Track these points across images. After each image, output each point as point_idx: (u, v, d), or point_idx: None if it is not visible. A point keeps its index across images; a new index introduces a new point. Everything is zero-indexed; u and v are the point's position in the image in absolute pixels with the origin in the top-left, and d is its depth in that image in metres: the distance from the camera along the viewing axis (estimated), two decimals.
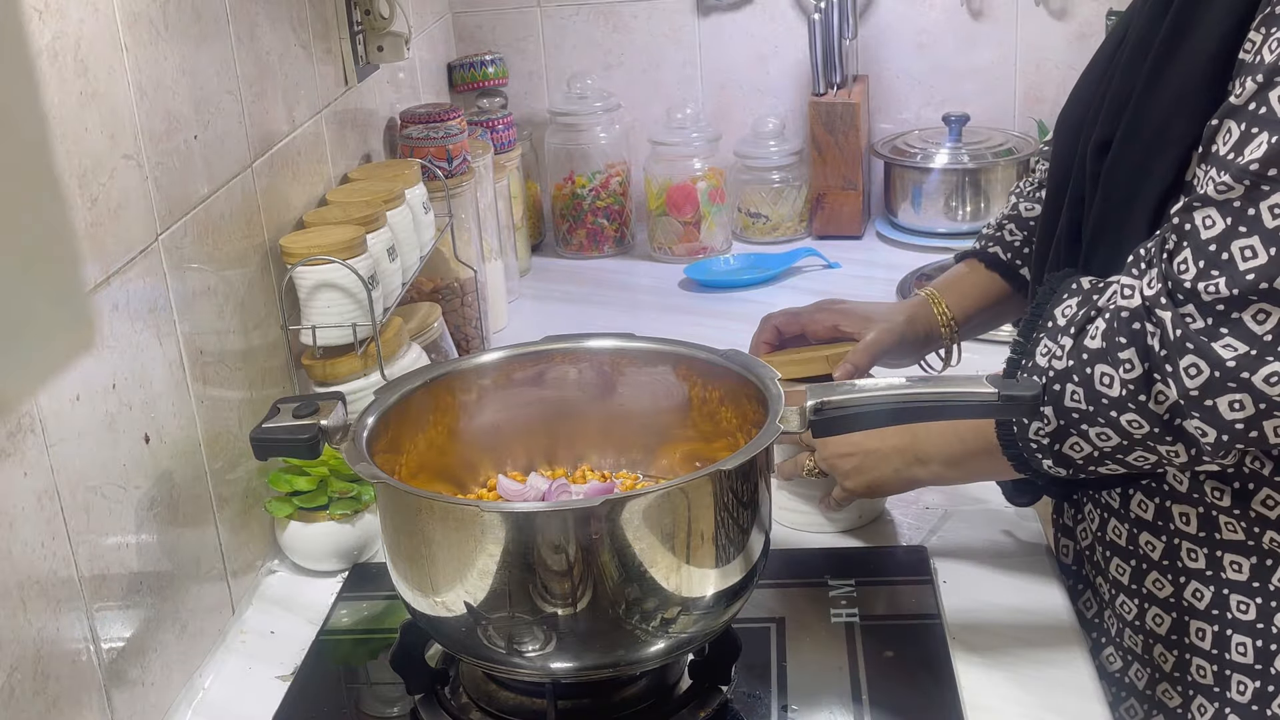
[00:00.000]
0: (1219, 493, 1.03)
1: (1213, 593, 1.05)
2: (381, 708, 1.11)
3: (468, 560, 0.95)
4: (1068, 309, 1.03)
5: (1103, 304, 1.00)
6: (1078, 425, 1.01)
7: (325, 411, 1.06)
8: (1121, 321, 0.97)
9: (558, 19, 2.21)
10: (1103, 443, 1.00)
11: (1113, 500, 1.12)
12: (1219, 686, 1.06)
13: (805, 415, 1.01)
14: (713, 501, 0.97)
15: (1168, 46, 1.00)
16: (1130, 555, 1.11)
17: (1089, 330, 1.00)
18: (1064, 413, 1.01)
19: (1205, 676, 1.07)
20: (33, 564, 0.90)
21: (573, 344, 1.18)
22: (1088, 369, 0.99)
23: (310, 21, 1.49)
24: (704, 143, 2.10)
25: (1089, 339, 0.99)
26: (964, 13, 2.16)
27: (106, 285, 1.02)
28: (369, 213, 1.39)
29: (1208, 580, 1.06)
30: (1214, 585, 1.05)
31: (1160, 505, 1.07)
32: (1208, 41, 0.97)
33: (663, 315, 1.89)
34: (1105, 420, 0.99)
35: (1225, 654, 1.06)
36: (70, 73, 0.97)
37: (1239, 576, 1.04)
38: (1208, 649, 1.07)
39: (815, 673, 1.10)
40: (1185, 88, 0.98)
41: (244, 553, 1.26)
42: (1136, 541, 1.10)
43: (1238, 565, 1.04)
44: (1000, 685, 1.08)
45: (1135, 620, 1.12)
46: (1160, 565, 1.08)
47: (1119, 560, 1.12)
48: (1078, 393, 1.00)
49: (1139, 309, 0.96)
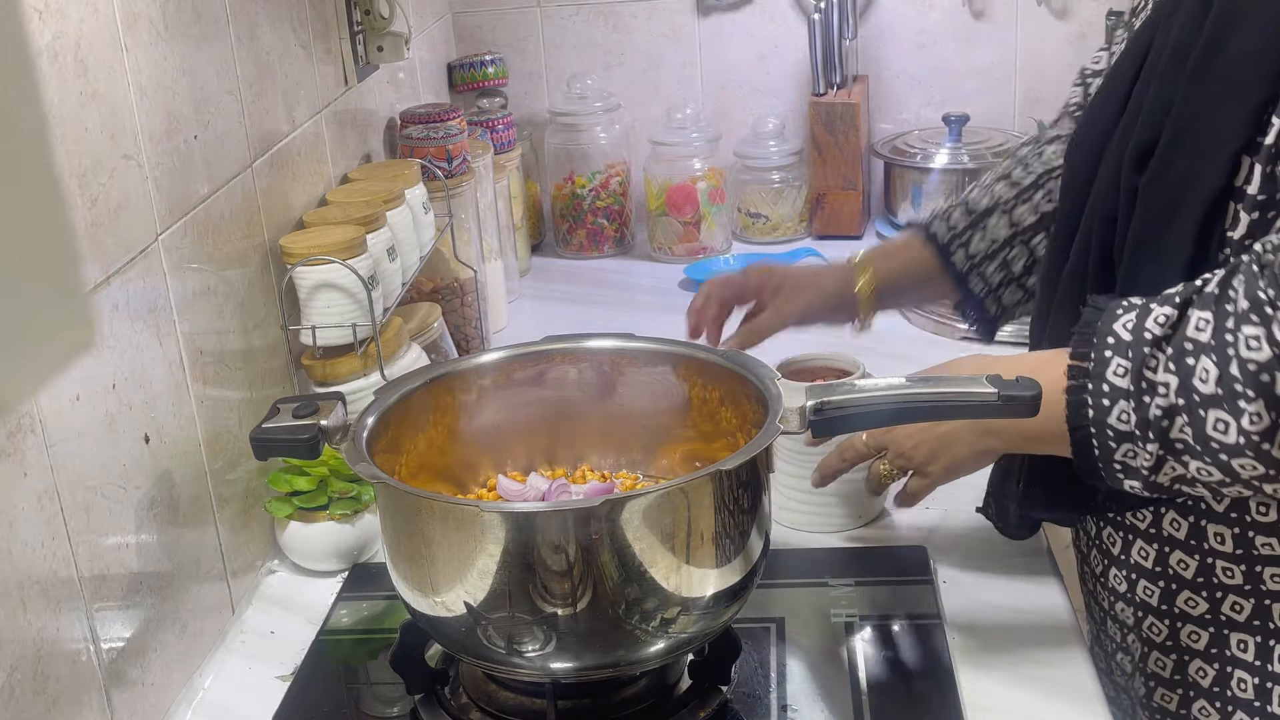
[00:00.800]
0: (1264, 509, 1.00)
1: (1252, 605, 1.03)
2: (381, 708, 1.11)
3: (468, 560, 0.95)
4: (1143, 331, 0.95)
5: (1206, 341, 0.91)
6: (1179, 456, 0.94)
7: (325, 411, 1.06)
8: (1249, 374, 0.89)
9: (558, 19, 2.21)
10: (1203, 476, 0.94)
11: (1139, 521, 1.07)
12: (1259, 700, 1.04)
13: (805, 416, 1.01)
14: (713, 501, 0.97)
15: (1211, 46, 0.96)
16: (1159, 576, 1.07)
17: (1196, 371, 0.91)
18: (1168, 444, 0.94)
19: (1246, 690, 1.05)
20: (33, 564, 0.90)
21: (573, 344, 1.18)
22: (1200, 411, 0.91)
23: (310, 21, 1.49)
24: (704, 143, 2.10)
25: (1198, 380, 0.91)
26: (965, 13, 2.16)
27: (106, 285, 1.02)
28: (369, 213, 1.39)
29: (1246, 594, 1.03)
30: (1253, 598, 1.03)
31: (1195, 524, 1.04)
32: (1255, 37, 0.93)
33: (663, 315, 1.87)
34: (1213, 460, 0.92)
35: (1269, 666, 1.03)
36: (70, 73, 0.97)
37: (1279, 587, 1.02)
38: (1250, 661, 1.04)
39: (815, 673, 1.10)
40: (1233, 85, 0.94)
41: (244, 553, 1.26)
42: (1167, 561, 1.06)
43: (1278, 578, 1.02)
44: (1000, 685, 1.08)
45: (1167, 641, 1.08)
46: (1194, 583, 1.05)
47: (1146, 582, 1.08)
48: (1186, 429, 0.92)
49: (1270, 363, 0.87)
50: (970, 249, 1.33)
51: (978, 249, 1.33)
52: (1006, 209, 1.32)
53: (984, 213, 1.33)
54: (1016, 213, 1.31)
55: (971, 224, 1.33)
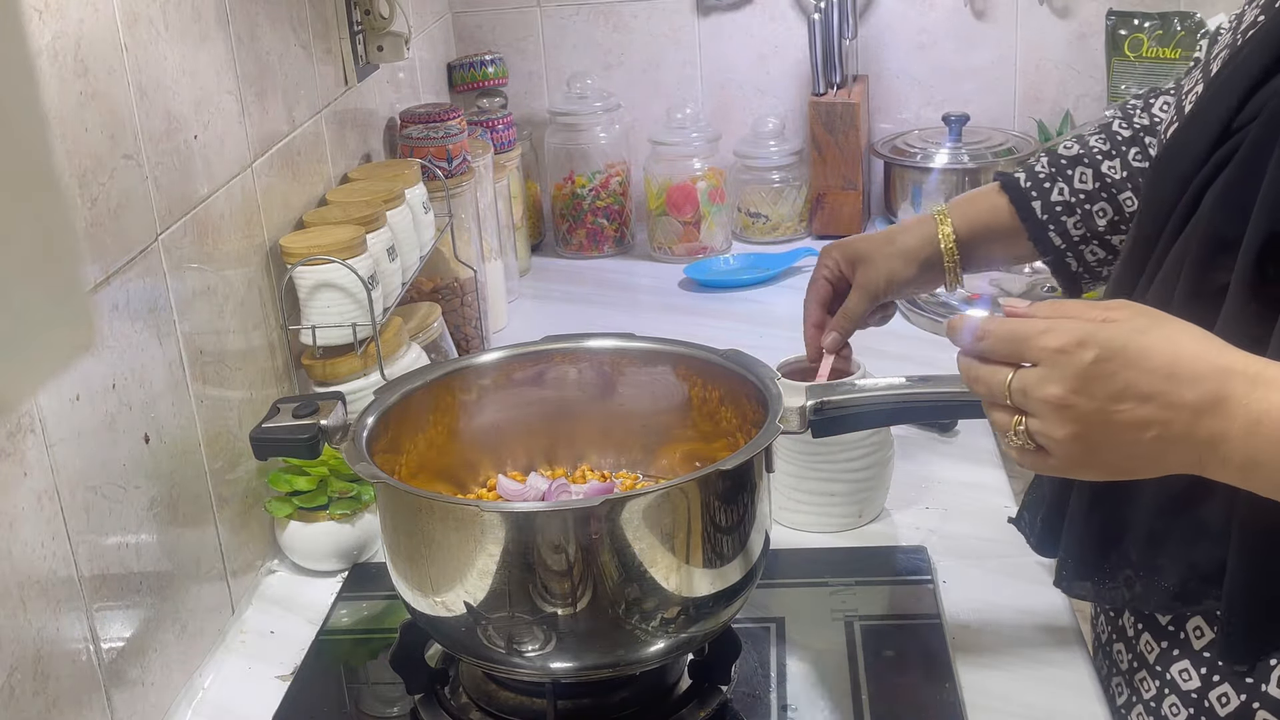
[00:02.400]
0: None
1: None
2: (381, 708, 1.11)
3: (468, 560, 0.95)
4: None
5: None
6: None
7: (325, 411, 1.06)
8: None
9: (558, 19, 2.21)
10: None
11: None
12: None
13: (805, 415, 1.02)
14: (713, 501, 0.97)
15: None
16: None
17: None
18: None
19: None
20: (33, 564, 0.90)
21: (573, 344, 1.18)
22: None
23: (310, 21, 1.49)
24: (704, 143, 2.10)
25: None
26: (966, 13, 2.15)
27: (106, 285, 1.02)
28: (369, 213, 1.39)
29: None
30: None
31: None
32: None
33: (663, 315, 1.88)
34: None
35: None
36: (70, 73, 0.97)
37: None
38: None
39: (815, 673, 1.10)
40: None
41: (244, 553, 1.26)
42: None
43: None
44: (1000, 685, 1.08)
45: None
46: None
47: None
48: None
49: None
50: (1051, 198, 1.22)
51: (1058, 199, 1.21)
52: (1094, 161, 1.21)
53: (1070, 161, 1.22)
54: (1105, 166, 1.20)
55: (1054, 174, 1.22)
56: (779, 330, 1.76)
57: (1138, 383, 0.77)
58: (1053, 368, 0.79)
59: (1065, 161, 1.22)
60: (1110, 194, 1.20)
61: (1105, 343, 0.78)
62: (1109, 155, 1.21)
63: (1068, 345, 0.78)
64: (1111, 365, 0.77)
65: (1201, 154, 0.90)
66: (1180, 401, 0.77)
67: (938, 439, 1.47)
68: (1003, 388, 0.82)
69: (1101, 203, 1.21)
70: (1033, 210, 1.22)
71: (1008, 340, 0.82)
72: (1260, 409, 0.76)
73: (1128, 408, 0.77)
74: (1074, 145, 1.23)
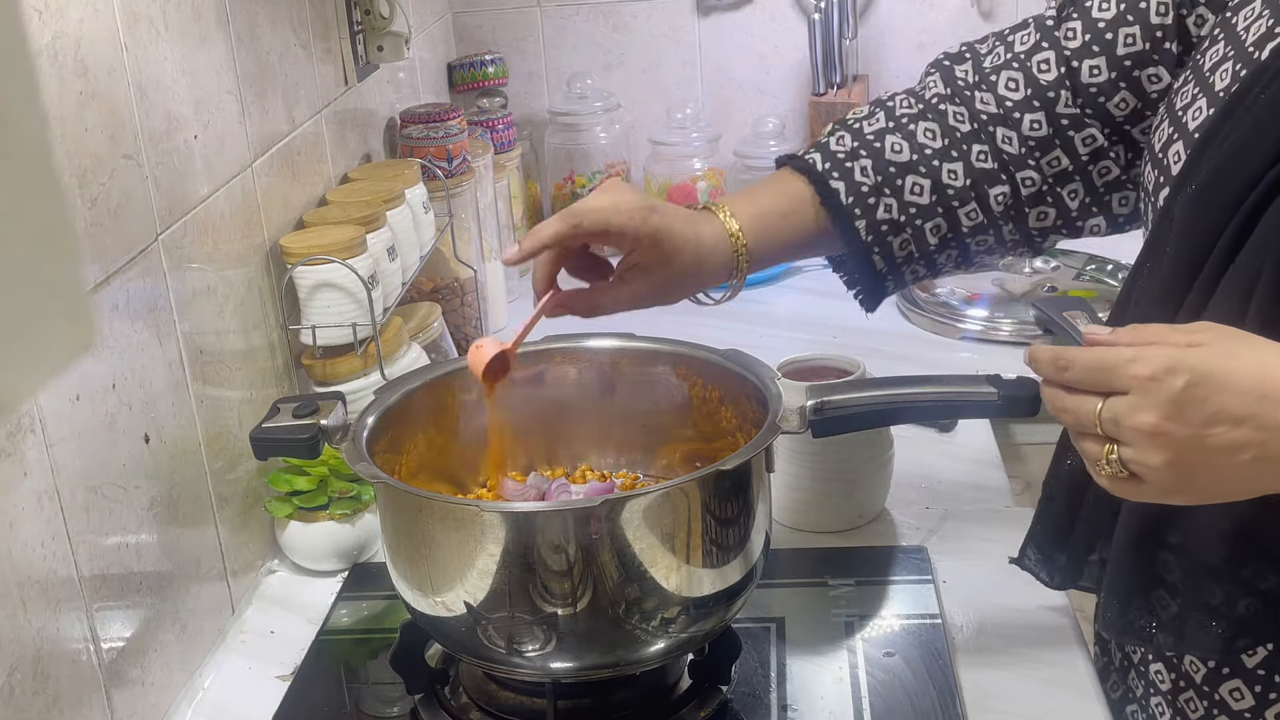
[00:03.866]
0: None
1: None
2: (381, 708, 1.11)
3: (468, 560, 0.94)
4: None
5: None
6: None
7: (325, 411, 1.06)
8: None
9: (558, 19, 2.20)
10: None
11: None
12: None
13: (805, 415, 1.02)
14: (713, 501, 0.97)
15: None
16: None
17: None
18: None
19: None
20: (33, 564, 0.90)
21: (573, 344, 1.18)
22: None
23: (310, 21, 1.49)
24: (704, 143, 2.10)
25: None
26: (973, 13, 2.15)
27: (106, 285, 1.02)
28: (369, 213, 1.39)
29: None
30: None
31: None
32: None
33: (663, 315, 1.87)
34: None
35: None
36: (70, 73, 0.97)
37: None
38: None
39: (815, 673, 1.10)
40: None
41: (244, 553, 1.26)
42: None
43: None
44: (1000, 685, 1.08)
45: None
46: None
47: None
48: None
49: None
50: (876, 216, 1.12)
51: (884, 217, 1.12)
52: (929, 167, 1.12)
53: (901, 169, 1.12)
54: (944, 171, 1.12)
55: (882, 184, 1.12)
56: (779, 330, 1.77)
57: (1230, 406, 0.76)
58: (1144, 395, 0.78)
59: (895, 169, 1.13)
60: (946, 207, 1.13)
61: (1194, 367, 0.77)
62: (948, 156, 1.13)
63: (1158, 373, 0.77)
64: (1203, 390, 0.77)
65: (1253, 178, 0.87)
66: (1274, 423, 0.76)
67: (938, 439, 1.47)
68: (1092, 417, 0.80)
69: (938, 218, 1.13)
70: (855, 230, 1.13)
71: (1095, 370, 0.81)
72: None
73: (1221, 431, 0.76)
74: (903, 143, 1.13)
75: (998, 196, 1.13)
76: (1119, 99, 1.10)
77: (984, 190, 1.13)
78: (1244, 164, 0.87)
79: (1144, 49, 1.08)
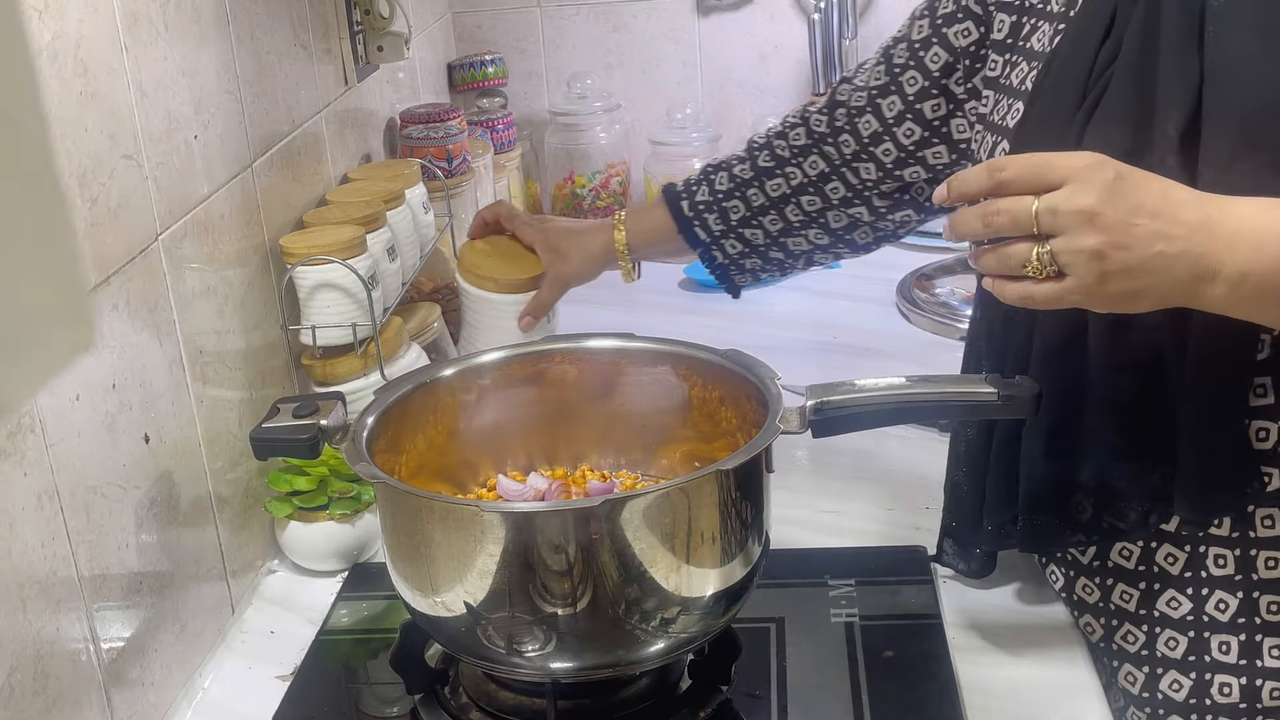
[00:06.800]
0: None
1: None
2: (381, 708, 1.11)
3: (468, 560, 0.95)
4: None
5: None
6: None
7: (325, 411, 1.06)
8: None
9: (558, 19, 2.21)
10: None
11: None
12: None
13: (805, 415, 1.02)
14: (713, 501, 0.97)
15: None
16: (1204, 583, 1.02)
17: None
18: None
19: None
20: (33, 564, 0.90)
21: (573, 344, 1.18)
22: None
23: (310, 21, 1.49)
24: (704, 143, 2.10)
25: None
26: None
27: (106, 285, 1.02)
28: (369, 213, 1.39)
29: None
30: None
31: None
32: None
33: (663, 315, 1.88)
34: None
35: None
36: (70, 73, 0.97)
37: None
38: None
39: (815, 673, 1.10)
40: None
41: (244, 553, 1.26)
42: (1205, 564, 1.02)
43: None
44: (1000, 685, 1.08)
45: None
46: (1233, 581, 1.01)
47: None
48: None
49: None
50: (696, 198, 1.41)
51: (702, 198, 1.40)
52: (742, 165, 1.38)
53: (717, 167, 1.41)
54: (737, 169, 1.39)
55: (701, 178, 1.41)
56: (779, 330, 1.77)
57: (1147, 201, 0.85)
58: (1081, 183, 0.85)
59: (714, 165, 1.42)
60: (742, 190, 1.39)
61: (1116, 165, 0.86)
62: (766, 172, 1.37)
63: (1091, 165, 0.86)
64: (1127, 183, 0.85)
65: (1087, 66, 0.98)
66: (1179, 218, 0.85)
67: (938, 439, 1.47)
68: (1028, 212, 0.86)
69: (736, 200, 1.39)
70: (680, 209, 1.42)
71: (1033, 165, 0.87)
72: (1234, 225, 0.85)
73: (1143, 221, 0.84)
74: (739, 163, 1.39)
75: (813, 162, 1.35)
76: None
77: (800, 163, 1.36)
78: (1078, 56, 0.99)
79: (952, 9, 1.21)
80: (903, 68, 1.26)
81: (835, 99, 1.33)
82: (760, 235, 1.39)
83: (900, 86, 1.26)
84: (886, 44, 1.29)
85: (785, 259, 1.42)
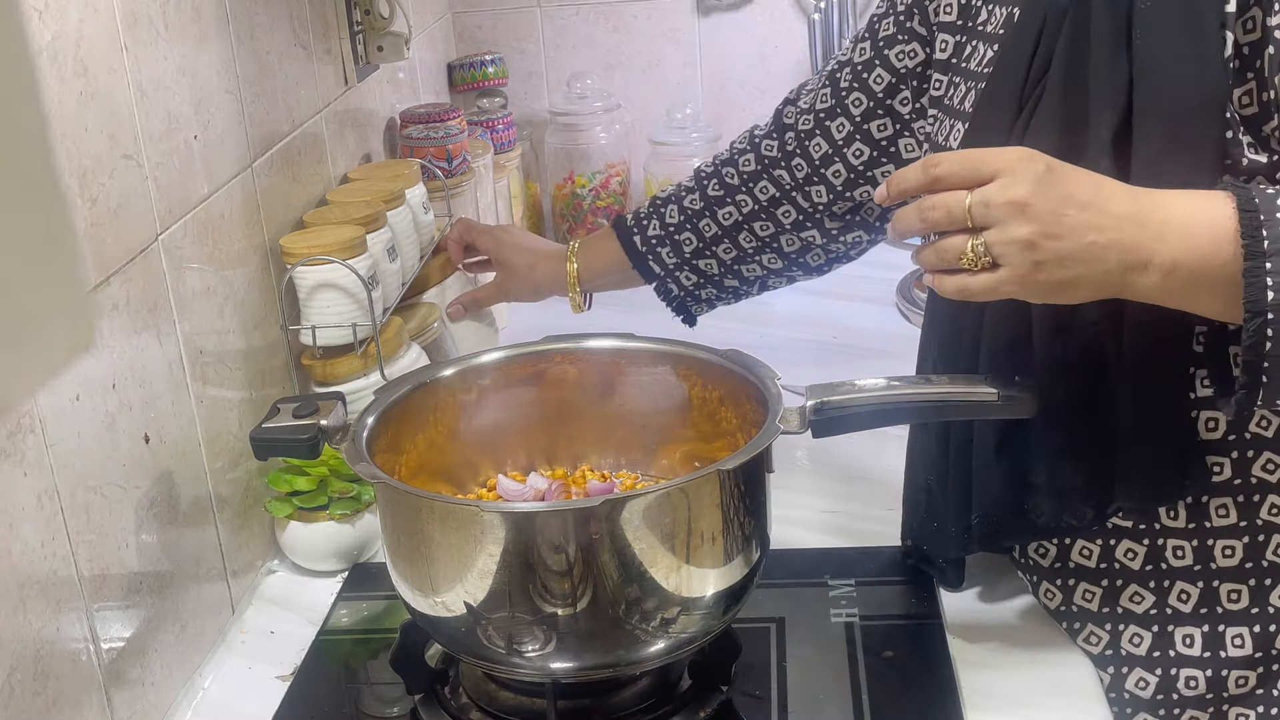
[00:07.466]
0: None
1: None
2: (381, 708, 1.11)
3: (468, 560, 0.95)
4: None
5: None
6: None
7: (325, 411, 1.06)
8: None
9: (558, 19, 2.21)
10: None
11: (1125, 523, 1.04)
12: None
13: (805, 415, 1.02)
14: (712, 501, 0.97)
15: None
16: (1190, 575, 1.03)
17: None
18: None
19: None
20: (33, 564, 0.90)
21: (573, 344, 1.18)
22: None
23: (310, 21, 1.49)
24: (704, 143, 2.10)
25: None
26: None
27: (106, 285, 1.02)
28: (369, 213, 1.39)
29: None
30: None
31: (1196, 504, 1.01)
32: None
33: (663, 315, 1.88)
34: None
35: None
36: (70, 73, 0.97)
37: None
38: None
39: (815, 673, 1.10)
40: None
41: (244, 553, 1.26)
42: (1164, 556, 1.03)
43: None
44: (1000, 685, 1.08)
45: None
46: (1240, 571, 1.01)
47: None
48: None
49: None
50: (648, 233, 1.42)
51: (654, 232, 1.42)
52: (691, 196, 1.40)
53: (666, 200, 1.43)
54: (687, 200, 1.40)
55: (652, 211, 1.43)
56: (779, 330, 1.77)
57: (1077, 192, 0.86)
58: (1013, 175, 0.86)
59: (662, 200, 1.44)
60: (693, 223, 1.40)
61: (1047, 158, 0.87)
62: (716, 200, 1.39)
63: (1023, 158, 0.87)
64: (1058, 175, 0.87)
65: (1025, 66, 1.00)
66: (1109, 210, 0.86)
67: None
68: (962, 205, 0.87)
69: (687, 232, 1.40)
70: (633, 244, 1.43)
71: (966, 160, 0.88)
72: (1164, 216, 0.87)
73: (1074, 212, 0.86)
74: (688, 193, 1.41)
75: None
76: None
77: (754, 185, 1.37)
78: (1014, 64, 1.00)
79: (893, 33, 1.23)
80: (848, 90, 1.27)
81: (783, 122, 1.35)
82: (714, 265, 1.41)
83: (846, 109, 1.27)
84: (831, 67, 1.30)
85: (740, 285, 1.43)
